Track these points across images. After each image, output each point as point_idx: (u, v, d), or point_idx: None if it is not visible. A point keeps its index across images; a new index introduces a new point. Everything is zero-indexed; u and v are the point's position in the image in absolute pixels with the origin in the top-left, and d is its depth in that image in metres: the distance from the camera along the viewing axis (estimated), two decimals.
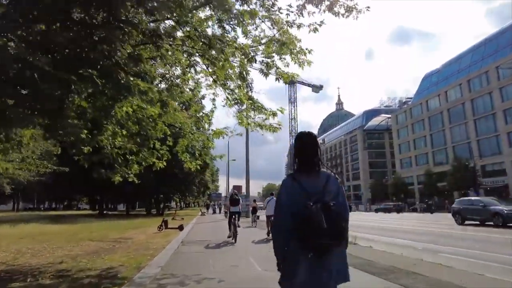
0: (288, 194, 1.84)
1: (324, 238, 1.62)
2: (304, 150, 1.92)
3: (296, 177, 1.87)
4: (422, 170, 56.90)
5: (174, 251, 7.61)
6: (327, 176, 1.89)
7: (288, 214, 1.76)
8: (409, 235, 12.96)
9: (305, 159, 1.92)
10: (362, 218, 27.38)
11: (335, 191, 1.84)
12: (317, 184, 1.81)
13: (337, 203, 1.76)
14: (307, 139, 1.94)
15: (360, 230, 14.77)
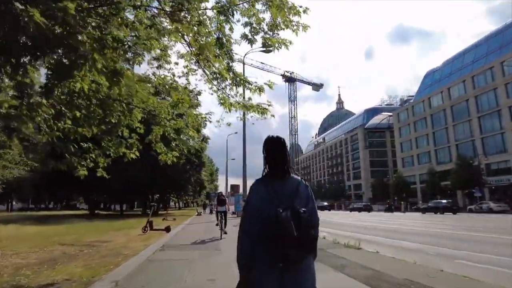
0: (258, 199, 1.75)
1: (294, 247, 1.55)
2: (273, 155, 1.86)
3: (266, 182, 1.80)
4: (424, 169, 55.74)
5: (147, 259, 6.48)
6: (297, 182, 1.84)
7: (256, 218, 1.68)
8: (414, 237, 11.80)
9: (274, 164, 1.85)
10: (362, 219, 26.25)
11: (305, 197, 1.78)
12: (287, 190, 1.76)
13: (307, 210, 1.68)
14: (276, 144, 1.89)
15: (361, 231, 13.73)
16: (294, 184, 1.80)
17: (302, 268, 1.65)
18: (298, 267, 1.63)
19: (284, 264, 1.59)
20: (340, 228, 16.14)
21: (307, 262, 1.68)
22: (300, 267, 1.64)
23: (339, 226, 18.06)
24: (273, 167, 1.85)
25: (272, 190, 1.74)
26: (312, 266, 1.74)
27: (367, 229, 15.62)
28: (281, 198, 1.70)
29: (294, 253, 1.57)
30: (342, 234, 13.45)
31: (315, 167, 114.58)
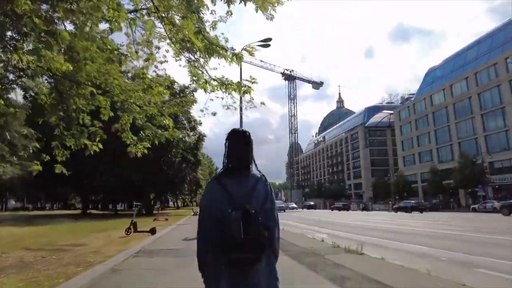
0: (210, 199, 1.64)
1: (242, 250, 1.47)
2: (234, 149, 1.72)
3: (221, 179, 1.67)
4: (426, 168, 54.80)
5: (112, 268, 5.51)
6: (256, 179, 1.68)
7: (209, 220, 1.60)
8: (418, 238, 10.81)
9: (233, 159, 1.72)
10: (362, 219, 25.26)
11: (263, 196, 1.65)
12: (243, 188, 1.62)
13: (263, 210, 1.60)
14: (238, 138, 1.75)
15: (362, 233, 12.74)
16: (252, 182, 1.66)
17: (255, 272, 1.54)
18: (252, 271, 1.53)
19: (235, 267, 1.50)
20: (339, 229, 15.17)
21: (262, 265, 1.57)
22: (255, 271, 1.54)
23: (339, 226, 17.09)
24: (232, 163, 1.72)
25: (227, 188, 1.62)
26: (270, 268, 1.62)
27: (366, 230, 14.65)
28: (235, 196, 1.58)
29: (243, 256, 1.47)
30: (342, 235, 12.48)
31: (315, 166, 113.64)
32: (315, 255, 6.92)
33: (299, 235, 11.51)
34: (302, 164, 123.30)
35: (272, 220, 1.64)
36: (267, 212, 1.61)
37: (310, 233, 13.60)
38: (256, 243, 1.48)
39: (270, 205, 1.64)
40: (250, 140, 1.76)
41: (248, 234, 1.45)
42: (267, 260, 1.58)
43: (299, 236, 11.22)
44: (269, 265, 1.61)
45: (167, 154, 29.39)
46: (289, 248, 8.06)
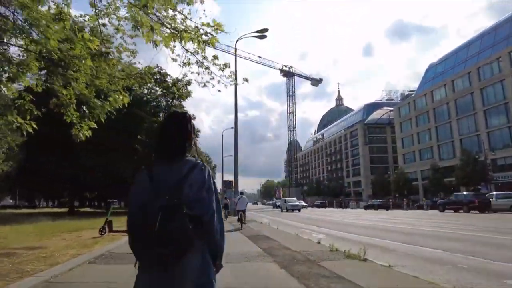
0: (137, 187, 1.46)
1: (159, 245, 1.29)
2: (167, 132, 1.53)
3: (152, 167, 1.48)
4: (427, 165, 53.79)
5: (47, 280, 4.30)
6: (192, 166, 1.46)
7: (134, 211, 1.40)
8: (427, 240, 9.64)
9: (166, 144, 1.50)
10: (362, 217, 24.11)
11: (199, 185, 1.43)
12: (174, 177, 1.41)
13: (197, 200, 1.40)
14: (172, 120, 1.56)
15: (363, 232, 11.53)
16: (186, 169, 1.43)
17: (181, 271, 1.35)
18: (177, 269, 1.34)
19: (156, 265, 1.32)
20: (338, 228, 13.97)
21: (194, 264, 1.37)
22: (180, 269, 1.34)
23: (337, 225, 15.90)
24: (164, 147, 1.50)
25: (155, 177, 1.42)
26: (205, 267, 1.41)
27: (367, 229, 13.47)
28: (164, 186, 1.38)
29: (160, 252, 1.29)
30: (341, 236, 11.30)
31: (314, 164, 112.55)
32: (308, 262, 5.72)
33: (293, 236, 10.31)
34: (301, 162, 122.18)
35: (208, 211, 1.44)
36: (202, 201, 1.43)
37: (306, 232, 12.41)
38: (177, 237, 1.30)
39: (207, 194, 1.45)
40: (186, 123, 1.53)
41: (167, 227, 1.28)
42: (201, 259, 1.40)
43: (293, 237, 10.02)
44: (204, 264, 1.41)
45: None
46: (279, 252, 6.86)
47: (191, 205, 1.36)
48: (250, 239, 9.35)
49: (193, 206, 1.37)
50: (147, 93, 30.55)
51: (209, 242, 1.44)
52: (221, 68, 5.25)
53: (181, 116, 1.56)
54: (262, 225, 15.44)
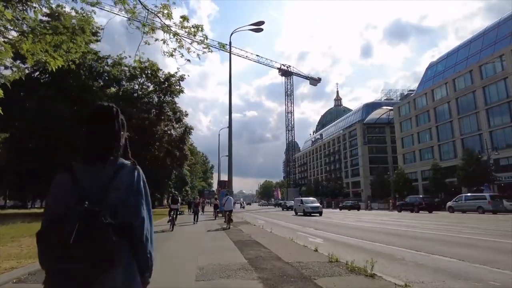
0: (55, 194, 1.28)
1: (73, 259, 1.10)
2: (90, 129, 1.34)
3: (74, 167, 1.30)
4: (427, 165, 52.66)
5: None
6: (119, 167, 1.31)
7: (49, 219, 1.20)
8: (432, 244, 8.48)
9: (90, 142, 1.33)
10: (362, 219, 22.91)
11: (126, 188, 1.27)
12: (99, 180, 1.26)
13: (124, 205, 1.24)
14: (96, 114, 1.36)
15: (365, 236, 10.40)
16: (112, 171, 1.28)
17: None
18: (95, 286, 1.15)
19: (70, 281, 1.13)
20: (337, 231, 12.76)
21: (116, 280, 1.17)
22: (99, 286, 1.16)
23: (337, 228, 14.70)
24: (88, 146, 1.33)
25: (77, 179, 1.26)
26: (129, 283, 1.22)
27: (369, 232, 12.28)
28: (85, 191, 1.22)
29: (73, 267, 1.10)
30: (341, 240, 10.13)
31: (312, 164, 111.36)
32: (302, 280, 4.53)
33: (287, 242, 9.11)
34: (299, 162, 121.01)
35: (137, 218, 1.26)
36: (130, 207, 1.26)
37: (302, 236, 11.23)
38: (95, 251, 1.12)
39: (136, 198, 1.28)
40: (112, 118, 1.36)
41: (84, 238, 1.10)
42: (124, 273, 1.20)
43: (286, 243, 8.83)
44: (128, 279, 1.22)
45: (149, 148, 26.95)
46: (267, 264, 5.66)
47: (116, 211, 1.20)
48: (236, 245, 8.17)
49: (118, 212, 1.21)
50: (139, 88, 29.36)
51: (136, 252, 1.24)
52: (191, 31, 4.09)
53: (105, 111, 1.37)
54: (254, 228, 14.24)
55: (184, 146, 29.00)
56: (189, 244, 8.97)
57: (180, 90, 28.84)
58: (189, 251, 7.65)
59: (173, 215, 13.89)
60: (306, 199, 30.14)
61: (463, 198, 30.03)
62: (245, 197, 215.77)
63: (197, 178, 66.90)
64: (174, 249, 8.08)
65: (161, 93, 28.64)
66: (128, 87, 28.93)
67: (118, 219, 1.19)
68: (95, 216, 1.14)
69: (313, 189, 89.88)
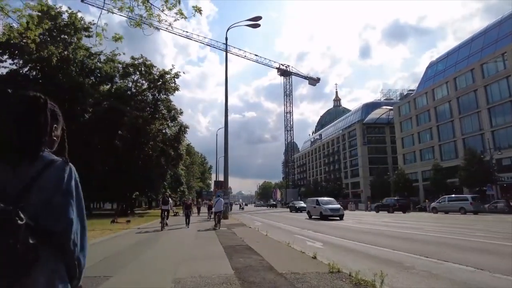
0: None
1: None
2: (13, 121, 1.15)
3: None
4: (428, 166, 51.96)
5: None
6: (46, 164, 1.15)
7: None
8: (443, 249, 7.66)
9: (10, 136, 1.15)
10: (363, 220, 22.08)
11: (52, 187, 1.12)
12: (20, 177, 1.11)
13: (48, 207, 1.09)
14: (20, 105, 1.16)
15: (366, 239, 9.07)
16: (36, 169, 1.13)
17: None
18: None
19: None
20: (337, 234, 11.92)
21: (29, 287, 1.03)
22: None
23: (336, 230, 13.87)
24: (9, 142, 1.16)
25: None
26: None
27: (369, 235, 11.46)
28: (7, 190, 1.09)
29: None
30: (342, 244, 9.30)
31: (311, 164, 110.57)
32: None
33: (283, 247, 8.28)
34: (298, 163, 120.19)
35: (62, 221, 1.11)
36: (55, 208, 1.11)
37: (300, 240, 10.41)
38: (7, 258, 0.99)
39: (63, 198, 1.13)
40: (40, 109, 1.17)
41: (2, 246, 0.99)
42: (47, 282, 1.07)
43: (282, 248, 8.00)
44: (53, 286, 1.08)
45: (143, 147, 26.06)
46: (256, 276, 4.83)
47: (37, 213, 1.06)
48: (226, 251, 7.33)
49: (40, 214, 1.07)
50: (132, 86, 28.45)
51: (63, 258, 1.11)
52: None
53: (30, 101, 1.16)
54: (249, 230, 13.40)
55: (179, 146, 28.11)
56: (174, 250, 8.13)
57: (175, 88, 27.97)
58: (171, 258, 6.82)
59: (164, 215, 13.81)
60: (322, 199, 25.38)
61: (446, 199, 31.35)
62: (244, 198, 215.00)
63: (195, 178, 65.92)
64: (155, 256, 7.24)
65: (155, 91, 27.76)
66: (122, 84, 28.08)
67: (41, 221, 1.06)
68: (7, 216, 0.99)
69: (312, 190, 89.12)
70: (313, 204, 24.91)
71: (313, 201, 25.51)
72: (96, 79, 25.83)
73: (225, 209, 22.25)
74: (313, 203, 24.98)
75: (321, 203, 23.48)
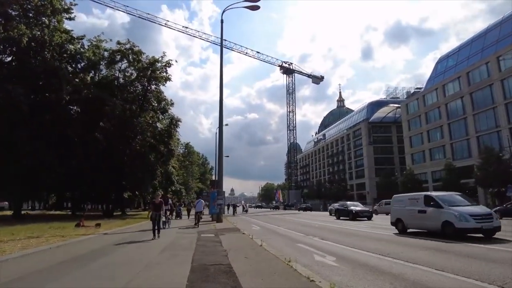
0: None
1: None
2: None
3: None
4: (438, 165, 49.17)
5: None
6: None
7: None
8: None
9: None
10: (379, 224, 19.30)
11: None
12: None
13: None
14: None
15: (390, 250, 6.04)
16: None
17: None
18: None
19: None
20: (351, 243, 9.19)
21: None
22: None
23: (349, 238, 11.17)
24: None
25: None
26: None
27: (391, 244, 8.79)
28: None
29: None
30: (360, 259, 6.62)
31: (315, 165, 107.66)
32: None
33: (280, 267, 5.59)
34: (301, 164, 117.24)
35: None
36: None
37: (304, 251, 7.79)
38: None
39: None
40: None
41: None
42: None
43: (278, 270, 5.32)
44: None
45: (130, 142, 23.52)
46: None
47: None
48: (191, 277, 4.70)
49: None
50: (121, 76, 25.90)
51: None
52: None
53: None
54: (241, 238, 10.75)
55: (170, 141, 25.53)
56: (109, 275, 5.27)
57: (167, 78, 25.43)
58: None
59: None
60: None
61: (383, 203, 32.72)
62: (247, 200, 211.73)
63: (194, 179, 63.29)
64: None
65: (145, 81, 25.17)
66: (108, 74, 25.59)
67: None
68: None
69: (315, 191, 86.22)
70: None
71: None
72: (77, 66, 23.35)
73: (219, 211, 19.66)
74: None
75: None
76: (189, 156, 57.46)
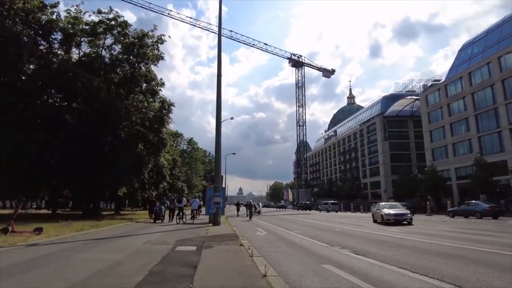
0: None
1: None
2: None
3: None
4: (464, 161, 44.82)
5: None
6: None
7: None
8: None
9: None
10: (412, 230, 15.36)
11: None
12: None
13: None
14: None
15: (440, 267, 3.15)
16: None
17: None
18: None
19: None
20: (401, 260, 5.44)
21: None
22: None
23: (385, 246, 7.36)
24: None
25: None
26: None
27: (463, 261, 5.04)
28: None
29: None
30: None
31: (326, 163, 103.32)
32: None
33: None
34: (311, 162, 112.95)
35: None
36: None
37: (335, 279, 4.01)
38: None
39: None
40: None
41: None
42: None
43: None
44: None
45: (113, 129, 20.00)
46: None
47: None
48: None
49: None
50: (107, 55, 22.35)
51: None
52: None
53: None
54: (232, 256, 6.92)
55: (161, 128, 21.96)
56: None
57: (159, 56, 21.87)
58: None
59: None
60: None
61: None
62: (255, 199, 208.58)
63: (198, 176, 59.95)
64: None
65: (132, 57, 21.55)
66: (92, 51, 22.16)
67: None
68: None
69: (326, 190, 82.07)
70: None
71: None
72: (49, 39, 19.88)
73: (216, 211, 15.98)
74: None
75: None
76: (192, 152, 54.00)
